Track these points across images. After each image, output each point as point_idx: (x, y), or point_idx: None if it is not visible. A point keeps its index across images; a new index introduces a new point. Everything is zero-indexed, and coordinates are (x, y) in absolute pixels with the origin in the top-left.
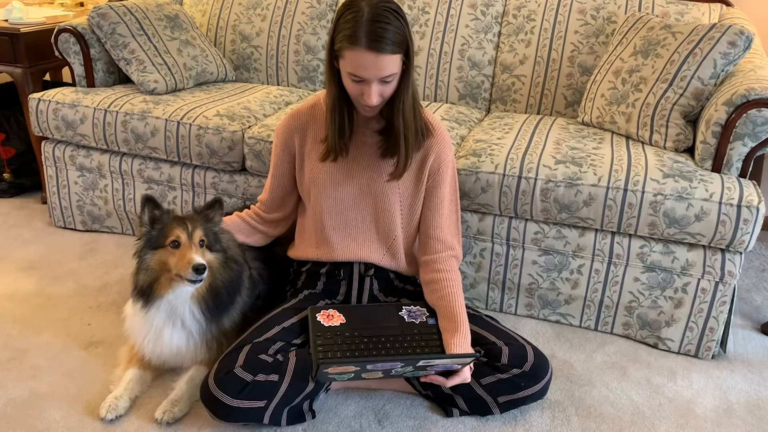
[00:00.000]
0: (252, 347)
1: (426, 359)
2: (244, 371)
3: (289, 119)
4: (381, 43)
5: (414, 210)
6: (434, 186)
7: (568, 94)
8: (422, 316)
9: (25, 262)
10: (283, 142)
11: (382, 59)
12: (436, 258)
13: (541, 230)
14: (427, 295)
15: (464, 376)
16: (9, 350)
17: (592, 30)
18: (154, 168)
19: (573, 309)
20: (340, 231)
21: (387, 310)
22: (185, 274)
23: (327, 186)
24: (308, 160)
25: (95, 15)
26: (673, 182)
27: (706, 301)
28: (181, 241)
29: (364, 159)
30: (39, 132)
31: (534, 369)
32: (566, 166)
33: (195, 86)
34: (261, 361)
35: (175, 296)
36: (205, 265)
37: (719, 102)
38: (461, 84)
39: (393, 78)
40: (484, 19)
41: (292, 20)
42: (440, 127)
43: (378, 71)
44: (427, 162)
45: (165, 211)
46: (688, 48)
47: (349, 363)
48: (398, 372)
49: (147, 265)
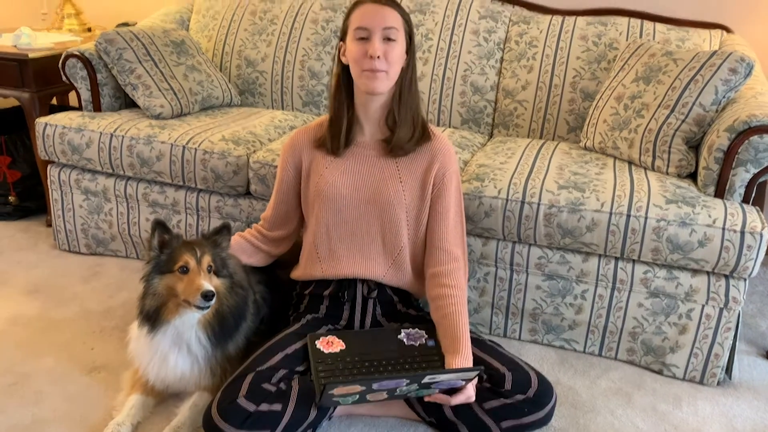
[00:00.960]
0: (255, 375)
1: (430, 374)
2: (247, 401)
3: (296, 135)
4: (385, 1)
5: (420, 220)
6: (439, 195)
7: (570, 119)
8: (421, 338)
9: (29, 286)
10: (289, 157)
11: (386, 10)
12: (442, 270)
13: (545, 255)
14: (433, 312)
15: (468, 394)
16: (12, 375)
17: (594, 56)
18: (158, 192)
19: (577, 334)
20: (346, 243)
21: (386, 335)
22: (193, 300)
23: (332, 198)
24: (314, 173)
25: (103, 41)
26: (676, 208)
27: (710, 327)
28: (189, 266)
29: (368, 170)
30: (45, 156)
31: (538, 395)
32: (569, 192)
33: (200, 111)
34: (264, 390)
35: (181, 322)
36: (214, 292)
37: (721, 128)
38: (464, 109)
39: (397, 41)
40: (487, 46)
41: (297, 46)
42: (442, 136)
43: (382, 20)
44: (432, 170)
45: (174, 236)
46: (689, 75)
47: (354, 383)
48: (403, 391)
49: (154, 289)
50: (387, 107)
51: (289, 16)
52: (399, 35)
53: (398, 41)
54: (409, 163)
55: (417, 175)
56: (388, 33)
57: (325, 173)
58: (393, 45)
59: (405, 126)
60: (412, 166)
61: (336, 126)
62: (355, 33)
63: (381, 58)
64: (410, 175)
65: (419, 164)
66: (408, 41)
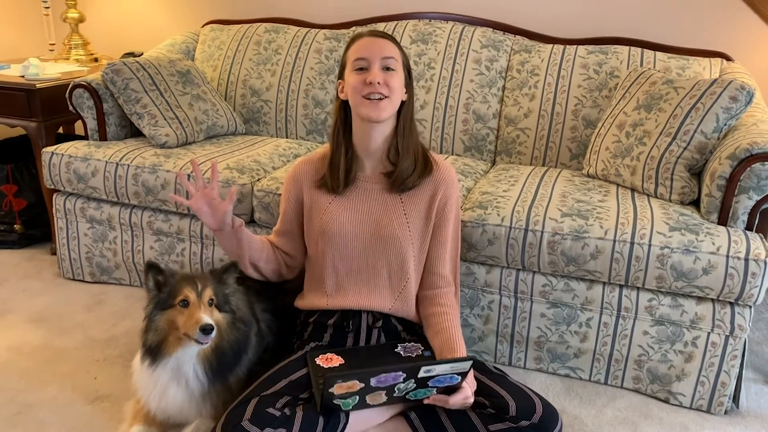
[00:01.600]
0: (259, 400)
1: (425, 366)
2: (251, 424)
3: (299, 168)
4: (382, 35)
5: (423, 249)
6: (439, 225)
7: (573, 146)
8: (417, 350)
9: (33, 314)
10: (291, 189)
11: (383, 41)
12: (436, 293)
13: (549, 283)
14: (427, 329)
15: (465, 394)
16: (15, 405)
17: (595, 84)
18: (163, 220)
19: (582, 363)
20: (353, 277)
21: (383, 349)
22: (192, 333)
23: (337, 235)
24: (316, 209)
25: (109, 71)
26: (679, 235)
27: (716, 355)
28: (190, 300)
29: (372, 206)
30: (51, 184)
31: (543, 420)
32: (572, 219)
33: (205, 139)
34: (269, 414)
35: (182, 354)
36: (212, 326)
37: (723, 156)
38: (466, 136)
39: (396, 71)
40: (489, 74)
41: (301, 75)
42: (444, 163)
43: (380, 50)
44: (435, 199)
45: (169, 274)
46: (690, 102)
47: (353, 377)
48: (401, 390)
49: (156, 325)
50: (388, 141)
51: (293, 46)
52: (398, 66)
53: (397, 71)
54: (413, 195)
55: (421, 207)
56: (387, 62)
57: (328, 210)
58: (392, 74)
59: (407, 159)
60: (415, 198)
61: (335, 165)
62: (354, 64)
63: (381, 84)
64: (414, 208)
65: (423, 195)
66: (406, 75)
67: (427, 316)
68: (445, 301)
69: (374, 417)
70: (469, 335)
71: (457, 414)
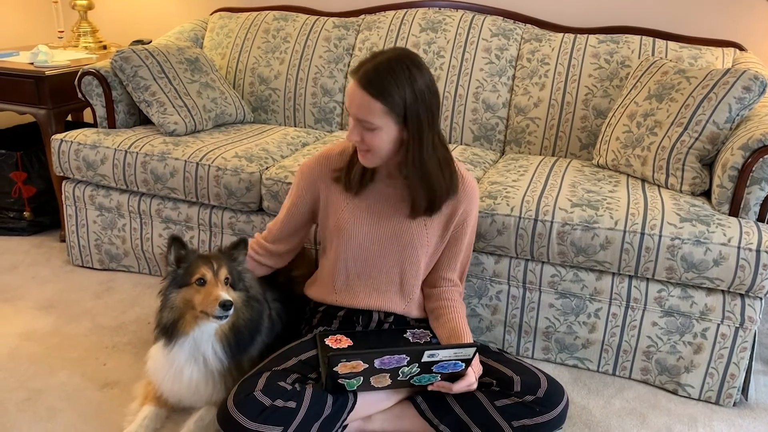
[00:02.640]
0: (271, 374)
1: (429, 350)
2: (263, 395)
3: (317, 162)
4: (370, 85)
5: (435, 257)
6: (456, 237)
7: (583, 136)
8: (425, 336)
9: (43, 301)
10: (307, 185)
11: (365, 99)
12: (443, 290)
13: (558, 273)
14: (433, 321)
15: (469, 381)
16: (25, 390)
17: (606, 74)
18: (172, 208)
19: (590, 353)
20: (364, 279)
21: (392, 334)
22: (211, 310)
23: (354, 236)
24: (333, 208)
25: (118, 58)
26: (690, 226)
27: (726, 346)
28: (206, 278)
29: (390, 210)
30: (60, 172)
31: (548, 394)
32: (582, 209)
33: (214, 127)
34: (280, 387)
35: (199, 333)
36: (231, 301)
37: (735, 146)
38: (476, 126)
39: (377, 129)
40: (499, 63)
41: (310, 63)
42: (471, 181)
43: (357, 109)
44: (455, 216)
45: (190, 251)
46: (702, 92)
47: (357, 357)
48: (405, 374)
49: (172, 303)
50: (394, 164)
51: (302, 34)
52: (381, 123)
53: (380, 128)
54: None
55: (441, 218)
56: (363, 124)
57: (345, 210)
58: (372, 133)
59: (420, 192)
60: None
61: (353, 163)
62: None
63: (359, 141)
64: (436, 219)
65: (445, 208)
66: (403, 119)
67: (433, 309)
68: (450, 296)
69: (381, 401)
70: (477, 325)
71: (464, 394)
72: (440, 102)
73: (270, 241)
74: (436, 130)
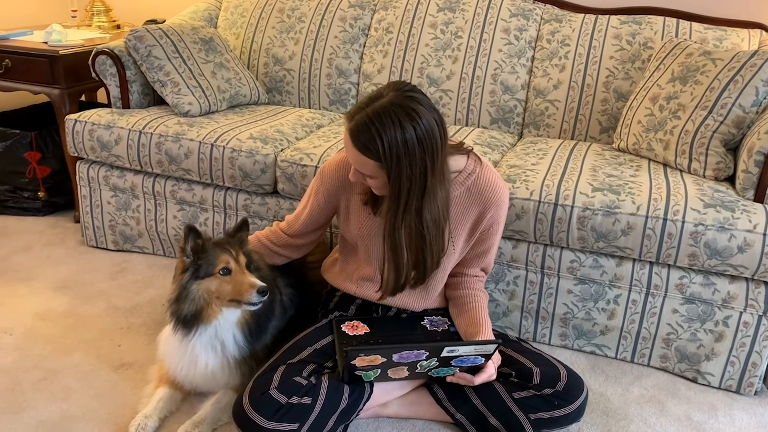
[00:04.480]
0: (286, 368)
1: (449, 346)
2: (279, 393)
3: (336, 170)
4: (357, 140)
5: (460, 258)
6: (484, 239)
7: (603, 119)
8: (444, 324)
9: (58, 281)
10: (326, 191)
11: (355, 153)
12: (465, 280)
13: (577, 259)
14: (452, 308)
15: (489, 372)
16: (40, 370)
17: (628, 55)
18: (186, 189)
19: (609, 340)
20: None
21: (410, 321)
22: (247, 297)
23: (378, 247)
24: (355, 216)
25: (132, 38)
26: (714, 212)
27: (748, 335)
28: (231, 267)
29: None
30: (74, 152)
31: (568, 387)
32: (603, 194)
33: (228, 108)
34: (295, 383)
35: (223, 320)
36: (266, 287)
37: (762, 130)
38: (493, 108)
39: (372, 176)
40: (518, 44)
41: (325, 44)
42: (500, 184)
43: (350, 158)
44: (483, 219)
45: (206, 240)
46: (728, 75)
47: (375, 352)
48: (423, 367)
49: (193, 295)
50: None
51: (317, 13)
52: (374, 173)
53: (375, 176)
54: (462, 213)
55: (467, 224)
56: (358, 174)
57: (367, 222)
58: (370, 178)
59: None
60: (464, 217)
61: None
62: None
63: (362, 183)
64: (460, 224)
65: (470, 213)
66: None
67: (454, 297)
68: (472, 285)
69: (396, 389)
70: (494, 310)
71: (481, 384)
72: (438, 149)
73: (291, 235)
74: (428, 184)
